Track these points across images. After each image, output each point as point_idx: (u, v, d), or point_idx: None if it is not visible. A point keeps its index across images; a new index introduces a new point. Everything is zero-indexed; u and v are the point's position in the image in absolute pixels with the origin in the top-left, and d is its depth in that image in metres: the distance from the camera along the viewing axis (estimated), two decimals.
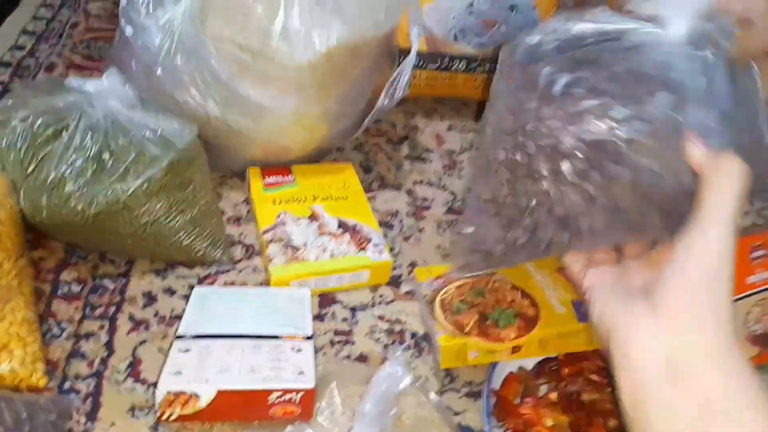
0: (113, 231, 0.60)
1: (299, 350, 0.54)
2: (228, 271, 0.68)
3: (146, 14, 0.62)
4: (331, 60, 0.66)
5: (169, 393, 0.48)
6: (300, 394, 0.49)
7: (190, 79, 0.65)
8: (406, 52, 0.75)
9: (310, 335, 0.57)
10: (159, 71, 0.64)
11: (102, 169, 0.59)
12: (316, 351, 0.61)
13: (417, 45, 0.75)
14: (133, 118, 0.62)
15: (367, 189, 0.83)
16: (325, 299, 0.67)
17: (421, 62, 0.92)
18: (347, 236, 0.69)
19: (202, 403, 0.48)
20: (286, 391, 0.49)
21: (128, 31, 0.62)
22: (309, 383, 0.50)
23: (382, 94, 0.75)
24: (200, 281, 0.66)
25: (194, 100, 0.66)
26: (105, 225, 0.60)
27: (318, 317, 0.65)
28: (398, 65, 0.75)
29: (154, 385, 0.51)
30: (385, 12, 0.70)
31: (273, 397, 0.49)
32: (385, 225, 0.78)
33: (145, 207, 0.60)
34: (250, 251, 0.70)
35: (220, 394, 0.48)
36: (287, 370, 0.51)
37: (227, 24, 0.64)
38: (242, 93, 0.66)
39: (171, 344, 0.53)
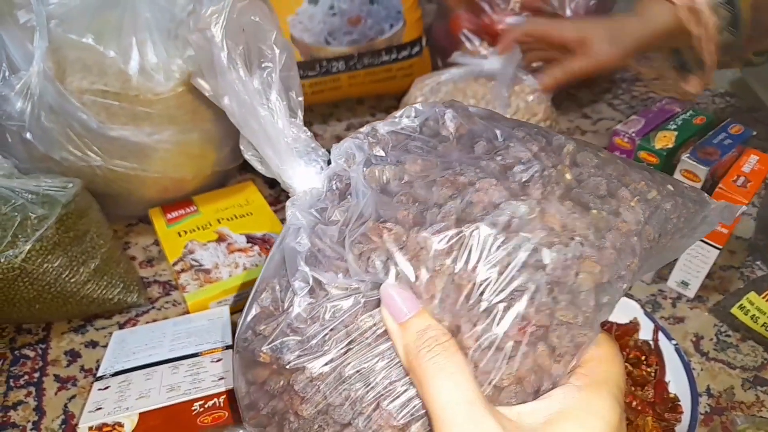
0: (18, 299, 0.61)
1: (219, 360, 0.55)
2: (148, 311, 0.68)
3: (2, 84, 0.63)
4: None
5: (90, 429, 0.48)
6: (223, 398, 0.50)
7: (63, 135, 0.66)
8: None
9: (229, 344, 0.57)
10: (28, 135, 0.64)
11: None
12: None
13: None
14: (12, 186, 0.62)
15: (276, 201, 0.85)
16: None
17: (301, 72, 0.94)
18: (257, 248, 0.71)
19: (127, 430, 0.48)
20: (207, 398, 0.50)
21: None
22: (228, 386, 0.51)
23: None
24: (121, 327, 0.66)
25: (73, 155, 0.67)
26: (8, 294, 0.60)
27: None
28: None
29: None
30: None
31: (196, 406, 0.50)
32: None
33: (43, 267, 0.60)
34: (167, 288, 0.71)
35: (143, 416, 0.49)
36: (206, 380, 0.52)
37: (85, 75, 0.65)
38: (118, 137, 0.67)
39: (91, 386, 0.54)
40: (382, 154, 0.36)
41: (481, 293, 0.29)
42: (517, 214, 0.30)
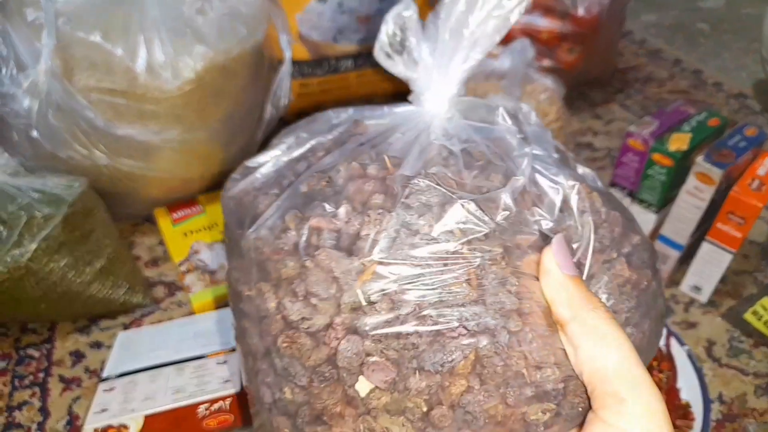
0: (24, 299, 0.60)
1: (224, 362, 0.54)
2: (153, 312, 0.68)
3: (9, 81, 0.63)
4: (203, 83, 0.68)
5: (96, 430, 0.47)
6: (228, 401, 0.50)
7: (69, 134, 0.65)
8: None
9: (235, 347, 0.57)
10: (35, 133, 0.64)
11: None
12: None
13: (289, 53, 0.77)
14: (19, 184, 0.62)
15: None
16: None
17: (309, 70, 0.94)
18: None
19: None
20: (212, 401, 0.49)
21: None
22: (235, 388, 0.50)
23: (268, 106, 0.77)
24: (126, 328, 0.65)
25: (79, 153, 0.66)
26: (14, 294, 0.59)
27: None
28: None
29: None
30: (246, 27, 0.72)
31: (202, 409, 0.49)
32: None
33: (49, 267, 0.60)
34: (172, 288, 0.70)
35: (148, 419, 0.48)
36: (212, 383, 0.51)
37: (92, 73, 0.65)
38: (124, 135, 0.66)
39: (96, 387, 0.53)
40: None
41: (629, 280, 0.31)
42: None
